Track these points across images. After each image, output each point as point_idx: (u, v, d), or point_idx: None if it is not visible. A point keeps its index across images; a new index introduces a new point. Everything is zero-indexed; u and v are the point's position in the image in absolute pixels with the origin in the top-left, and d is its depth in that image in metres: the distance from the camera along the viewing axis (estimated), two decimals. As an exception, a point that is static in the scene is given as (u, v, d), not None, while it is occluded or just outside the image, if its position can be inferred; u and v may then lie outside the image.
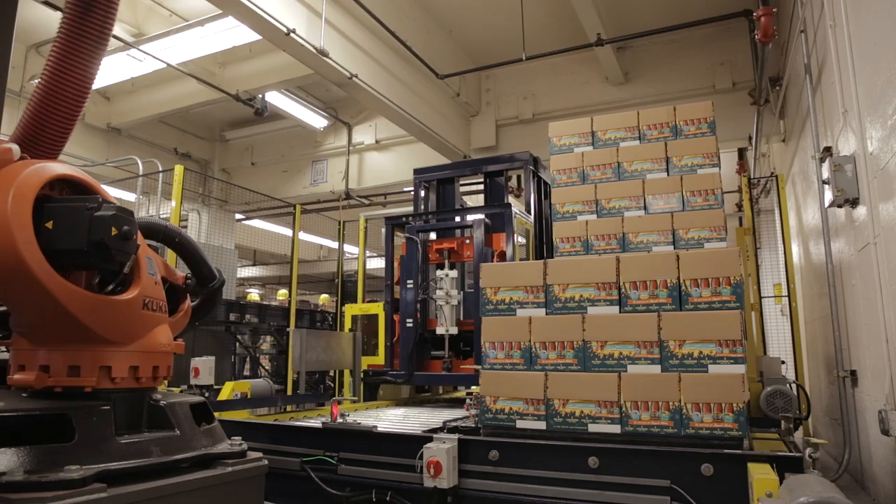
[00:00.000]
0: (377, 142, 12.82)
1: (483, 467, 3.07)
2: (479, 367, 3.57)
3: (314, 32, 7.48)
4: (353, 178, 13.01)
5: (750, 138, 9.46)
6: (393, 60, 9.21)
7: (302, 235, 10.65)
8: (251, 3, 6.56)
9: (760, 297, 6.82)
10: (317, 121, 12.48)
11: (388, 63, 9.11)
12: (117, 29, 9.35)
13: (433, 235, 6.06)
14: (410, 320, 5.61)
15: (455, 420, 3.96)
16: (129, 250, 2.13)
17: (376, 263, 13.14)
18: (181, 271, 2.84)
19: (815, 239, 6.74)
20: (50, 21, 8.20)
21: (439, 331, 5.54)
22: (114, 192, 11.83)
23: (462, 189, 7.27)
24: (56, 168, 2.11)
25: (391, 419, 4.58)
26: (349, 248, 13.44)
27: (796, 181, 8.12)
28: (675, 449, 2.82)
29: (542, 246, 6.08)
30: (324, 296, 16.27)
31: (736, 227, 8.21)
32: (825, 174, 4.77)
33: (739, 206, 9.51)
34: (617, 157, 4.39)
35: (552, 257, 4.40)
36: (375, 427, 3.45)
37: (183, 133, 13.80)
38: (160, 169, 9.63)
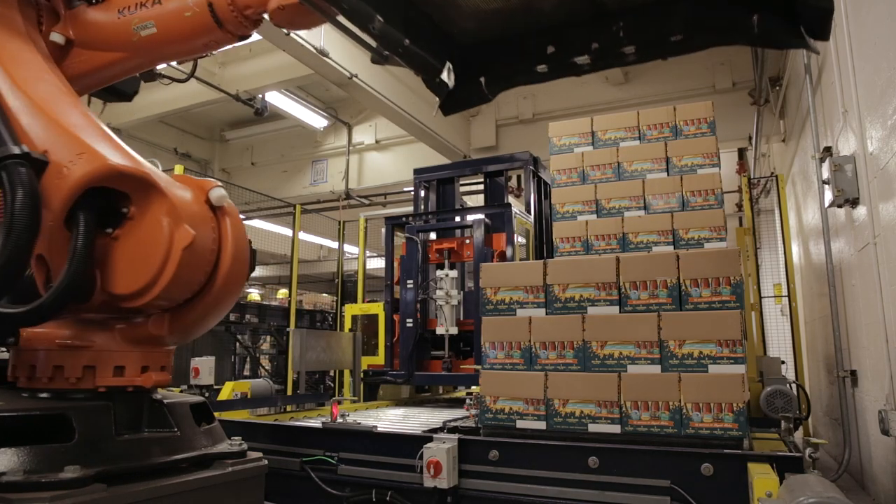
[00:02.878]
0: (377, 142, 12.81)
1: (483, 467, 3.07)
2: (479, 367, 3.57)
3: (314, 32, 7.48)
4: (353, 178, 13.01)
5: (750, 138, 9.46)
6: (393, 60, 9.20)
7: (302, 235, 10.64)
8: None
9: (760, 297, 6.82)
10: (317, 121, 12.48)
11: (388, 63, 9.10)
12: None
13: (433, 235, 6.06)
14: (410, 320, 5.61)
15: (455, 420, 3.96)
16: None
17: (376, 263, 13.13)
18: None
19: (815, 239, 6.74)
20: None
21: (439, 331, 5.54)
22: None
23: (462, 189, 7.26)
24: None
25: (391, 419, 4.58)
26: (349, 248, 13.43)
27: (796, 181, 8.12)
28: (675, 449, 2.82)
29: (542, 246, 6.07)
30: (323, 295, 16.28)
31: (736, 227, 8.21)
32: (825, 174, 4.77)
33: (739, 206, 9.51)
34: (617, 157, 4.39)
35: (552, 257, 4.40)
36: (375, 427, 3.45)
37: (183, 133, 13.80)
38: (160, 169, 9.61)
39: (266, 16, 2.73)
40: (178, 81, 4.17)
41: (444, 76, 2.70)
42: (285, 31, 6.98)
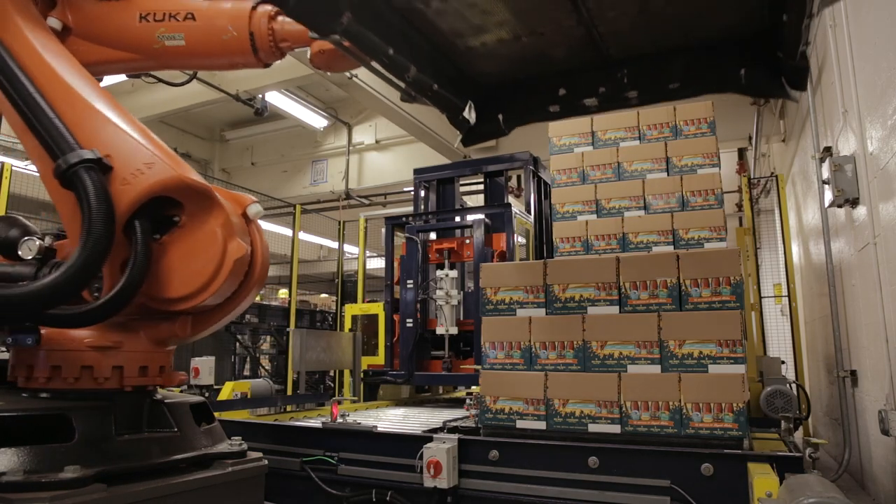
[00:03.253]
0: (377, 142, 12.81)
1: (483, 467, 3.07)
2: (479, 367, 3.57)
3: (314, 32, 7.46)
4: (353, 178, 13.00)
5: (750, 138, 9.45)
6: (393, 60, 9.19)
7: (302, 235, 10.65)
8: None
9: (760, 297, 6.81)
10: (317, 121, 12.48)
11: (388, 63, 9.09)
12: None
13: (433, 235, 6.05)
14: (410, 320, 5.60)
15: (455, 420, 3.96)
16: None
17: (376, 263, 13.13)
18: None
19: (815, 239, 6.74)
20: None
21: (439, 331, 5.54)
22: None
23: (462, 189, 7.26)
24: None
25: (391, 419, 4.58)
26: (349, 248, 13.43)
27: (796, 181, 8.12)
28: (675, 449, 2.82)
29: (542, 246, 6.07)
30: (323, 296, 16.29)
31: (736, 227, 8.20)
32: (825, 174, 4.77)
33: (739, 206, 9.50)
34: (617, 156, 4.39)
35: (552, 257, 4.40)
36: (375, 427, 3.45)
37: (183, 133, 13.80)
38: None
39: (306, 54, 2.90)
40: (173, 85, 4.19)
41: (467, 114, 2.95)
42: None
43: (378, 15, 2.35)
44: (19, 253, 2.22)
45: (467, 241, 5.69)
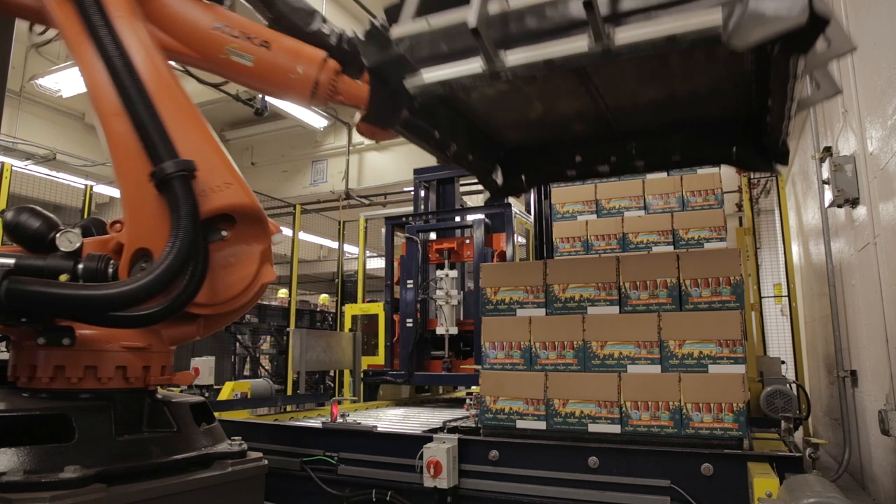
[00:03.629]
0: (377, 141, 12.79)
1: (483, 467, 3.07)
2: (479, 367, 3.57)
3: (314, 32, 7.46)
4: (353, 178, 13.00)
5: (750, 138, 9.43)
6: (393, 60, 9.19)
7: (302, 235, 10.65)
8: (251, 3, 6.55)
9: (760, 297, 6.81)
10: (317, 121, 12.46)
11: (388, 63, 9.09)
12: (117, 29, 9.33)
13: (433, 235, 6.06)
14: (410, 320, 5.61)
15: (455, 420, 3.96)
16: None
17: (376, 263, 13.13)
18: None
19: (815, 239, 6.74)
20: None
21: (439, 331, 5.54)
22: (114, 193, 11.83)
23: (462, 189, 7.26)
24: None
25: (391, 419, 4.58)
26: (349, 248, 13.43)
27: (796, 181, 8.12)
28: (675, 449, 2.82)
29: (542, 246, 6.07)
30: (324, 295, 16.27)
31: (736, 227, 8.19)
32: (825, 174, 4.77)
33: (739, 206, 9.49)
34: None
35: (552, 257, 4.40)
36: (375, 427, 3.45)
37: (183, 133, 13.78)
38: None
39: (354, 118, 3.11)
40: (204, 83, 4.24)
41: (495, 176, 3.37)
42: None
43: (429, 108, 2.74)
44: (57, 245, 2.22)
45: (467, 241, 5.69)
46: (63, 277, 2.15)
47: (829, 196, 4.88)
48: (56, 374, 2.18)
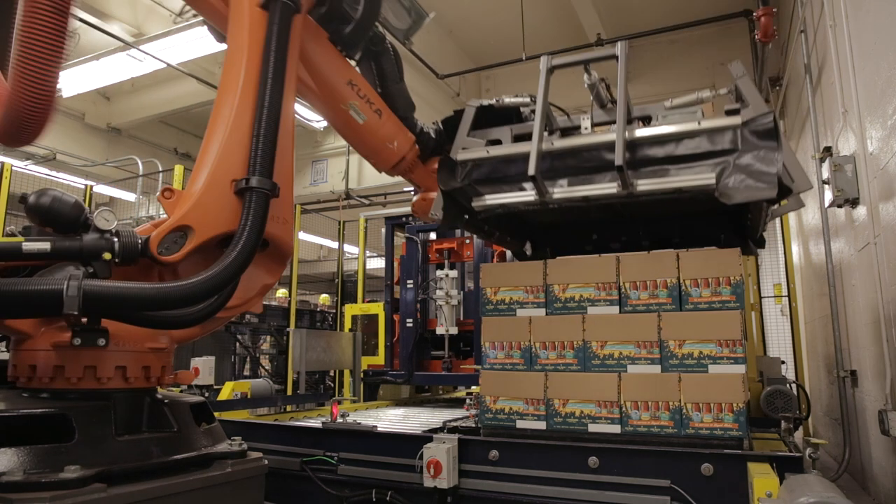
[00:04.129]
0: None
1: (483, 467, 3.07)
2: (479, 367, 3.57)
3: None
4: (353, 178, 12.98)
5: (750, 138, 9.43)
6: (393, 60, 9.19)
7: (302, 235, 10.65)
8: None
9: (760, 297, 6.79)
10: (317, 121, 12.46)
11: (388, 63, 9.09)
12: (117, 29, 9.35)
13: (433, 235, 6.06)
14: (410, 320, 5.61)
15: (455, 420, 3.96)
16: None
17: (376, 263, 13.13)
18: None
19: (815, 239, 6.74)
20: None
21: (439, 331, 5.54)
22: (114, 193, 11.83)
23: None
24: None
25: (391, 419, 4.58)
26: (349, 248, 13.42)
27: (796, 181, 8.09)
28: (675, 449, 2.82)
29: (542, 246, 6.07)
30: (324, 295, 16.28)
31: (736, 227, 8.18)
32: (825, 174, 4.78)
33: (739, 206, 9.50)
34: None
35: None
36: (375, 427, 3.45)
37: (183, 133, 13.79)
38: (160, 169, 9.63)
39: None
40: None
41: (526, 249, 4.13)
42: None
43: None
44: (95, 224, 2.25)
45: (467, 241, 5.69)
46: (107, 256, 2.22)
47: (829, 196, 4.88)
48: (56, 374, 2.19)
